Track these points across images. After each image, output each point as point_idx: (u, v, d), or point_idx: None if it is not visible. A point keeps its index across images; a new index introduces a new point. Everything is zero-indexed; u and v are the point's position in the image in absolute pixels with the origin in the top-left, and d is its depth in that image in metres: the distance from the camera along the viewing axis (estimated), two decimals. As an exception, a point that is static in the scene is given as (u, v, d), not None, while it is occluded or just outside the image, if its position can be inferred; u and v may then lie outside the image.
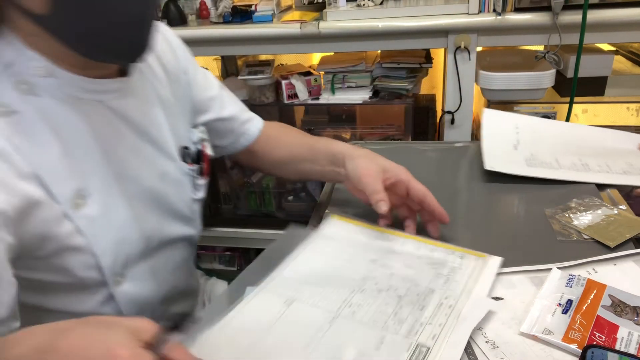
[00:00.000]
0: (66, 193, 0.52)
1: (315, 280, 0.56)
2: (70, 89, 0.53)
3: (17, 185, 0.48)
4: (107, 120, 0.57)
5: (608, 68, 1.17)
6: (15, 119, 0.49)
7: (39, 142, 0.50)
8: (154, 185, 0.62)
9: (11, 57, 0.50)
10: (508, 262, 0.59)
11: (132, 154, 0.59)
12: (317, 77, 1.36)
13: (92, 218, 0.54)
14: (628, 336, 0.47)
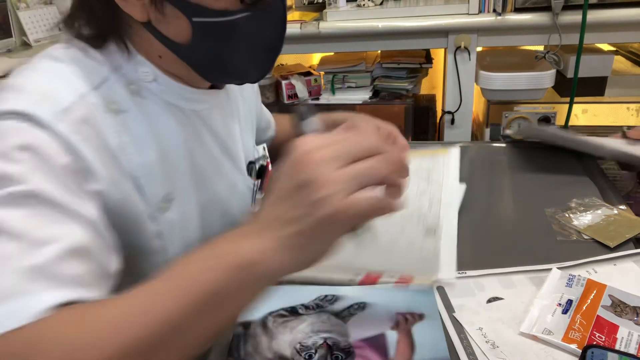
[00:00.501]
0: (156, 196, 0.53)
1: None
2: (170, 96, 0.54)
3: (118, 181, 0.49)
4: (197, 129, 0.58)
5: (608, 68, 1.17)
6: (124, 117, 0.51)
7: (141, 143, 0.52)
8: (224, 197, 0.64)
9: (120, 62, 0.52)
10: (508, 262, 0.59)
11: (212, 164, 0.61)
12: (317, 77, 1.36)
13: (172, 223, 0.55)
14: (628, 336, 0.47)
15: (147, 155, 0.52)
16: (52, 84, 0.47)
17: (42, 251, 0.38)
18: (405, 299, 0.55)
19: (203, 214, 0.60)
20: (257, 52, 0.53)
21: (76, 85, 0.48)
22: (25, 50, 1.23)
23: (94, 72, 0.50)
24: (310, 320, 0.52)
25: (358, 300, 0.55)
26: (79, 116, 0.46)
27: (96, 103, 0.48)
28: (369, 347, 0.48)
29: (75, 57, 0.50)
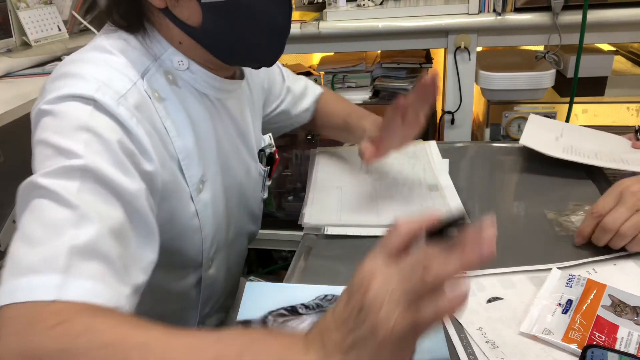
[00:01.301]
0: (194, 177, 0.57)
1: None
2: (200, 84, 0.58)
3: (167, 162, 0.53)
4: (222, 116, 0.63)
5: (608, 68, 1.17)
6: (165, 104, 0.55)
7: (181, 128, 0.56)
8: (242, 181, 0.69)
9: (159, 51, 0.56)
10: (508, 262, 0.59)
11: (233, 150, 0.66)
12: (317, 77, 1.36)
13: (206, 203, 0.60)
14: (628, 336, 0.47)
15: (186, 139, 0.56)
16: (107, 73, 0.50)
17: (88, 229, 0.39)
18: (404, 298, 0.54)
19: (226, 196, 0.65)
20: (266, 33, 0.55)
21: (128, 74, 0.51)
22: (25, 50, 1.23)
23: (138, 62, 0.54)
24: (310, 320, 0.52)
25: (357, 300, 0.55)
26: (134, 102, 0.50)
27: (145, 88, 0.52)
28: (369, 347, 0.48)
29: (120, 48, 0.53)
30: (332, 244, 0.68)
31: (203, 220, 0.59)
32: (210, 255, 0.63)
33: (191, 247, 0.60)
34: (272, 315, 0.53)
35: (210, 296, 0.68)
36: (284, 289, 0.58)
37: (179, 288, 0.63)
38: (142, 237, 0.46)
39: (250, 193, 0.72)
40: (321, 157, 0.91)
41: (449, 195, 0.76)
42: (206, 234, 0.61)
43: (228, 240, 0.68)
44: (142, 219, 0.46)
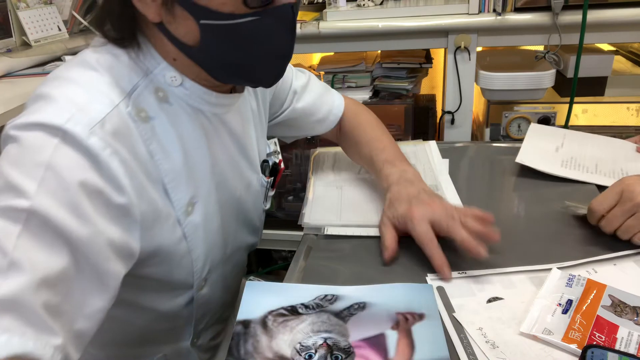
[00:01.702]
0: (182, 199, 0.55)
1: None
2: (194, 100, 0.56)
3: (147, 190, 0.50)
4: (218, 132, 0.60)
5: (608, 68, 1.17)
6: (152, 124, 0.52)
7: (168, 149, 0.53)
8: (241, 196, 0.66)
9: (151, 65, 0.53)
10: (508, 262, 0.59)
11: (231, 165, 0.63)
12: (317, 77, 1.36)
13: (196, 225, 0.57)
14: (628, 336, 0.47)
15: (173, 160, 0.53)
16: (87, 95, 0.47)
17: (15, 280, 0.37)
18: (405, 298, 0.55)
19: (222, 214, 0.62)
20: (266, 57, 0.52)
21: (110, 95, 0.49)
22: (25, 50, 1.23)
23: (125, 80, 0.51)
24: (310, 320, 0.52)
25: (358, 300, 0.55)
26: (112, 128, 0.47)
27: (129, 112, 0.49)
28: (369, 347, 0.48)
29: (107, 64, 0.51)
30: (332, 244, 0.68)
31: (192, 243, 0.57)
32: (203, 276, 0.61)
33: (180, 271, 0.58)
34: (271, 314, 0.53)
35: (205, 313, 0.67)
36: (284, 288, 0.58)
37: (171, 309, 0.61)
38: (90, 284, 0.43)
39: (251, 207, 0.70)
40: (321, 157, 0.91)
41: (449, 195, 0.76)
42: (197, 256, 0.58)
43: (225, 257, 0.66)
44: (92, 266, 0.43)
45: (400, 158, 0.74)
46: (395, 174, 0.69)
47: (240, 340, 0.50)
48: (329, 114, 0.80)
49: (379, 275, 0.60)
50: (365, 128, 0.80)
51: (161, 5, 0.48)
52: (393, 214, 0.64)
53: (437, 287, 0.57)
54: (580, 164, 0.80)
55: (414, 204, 0.62)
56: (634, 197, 0.58)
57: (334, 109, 0.81)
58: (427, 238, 0.59)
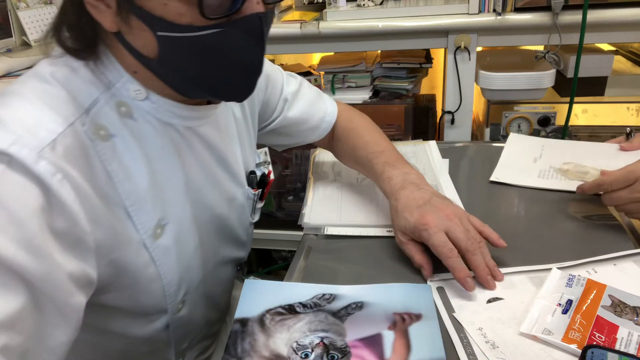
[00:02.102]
0: (148, 222, 0.51)
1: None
2: (163, 114, 0.51)
3: (104, 216, 0.47)
4: (193, 147, 0.56)
5: (608, 68, 1.16)
6: (112, 143, 0.48)
7: (130, 168, 0.49)
8: (222, 212, 0.62)
9: (113, 78, 0.49)
10: (508, 262, 0.59)
11: (210, 181, 0.59)
12: (317, 77, 1.36)
13: (166, 248, 0.53)
14: (628, 336, 0.47)
15: (137, 181, 0.49)
16: (37, 114, 0.44)
17: None
18: (402, 298, 0.54)
19: (200, 233, 0.58)
20: (233, 71, 0.48)
21: (64, 113, 0.45)
22: (25, 50, 1.23)
23: (83, 94, 0.47)
24: (307, 319, 0.52)
25: (356, 299, 0.55)
26: (64, 149, 0.43)
27: (85, 130, 0.46)
28: (366, 347, 0.48)
29: (63, 78, 0.47)
30: (332, 244, 0.68)
31: (163, 267, 0.53)
32: (179, 299, 0.58)
33: (149, 297, 0.54)
34: (269, 313, 0.53)
35: (187, 334, 0.64)
36: (282, 287, 0.58)
37: (147, 333, 0.58)
38: (52, 319, 0.41)
39: (235, 221, 0.66)
40: (321, 157, 0.91)
41: (449, 195, 0.75)
42: (169, 280, 0.54)
43: (206, 276, 0.62)
44: (51, 301, 0.40)
45: (400, 160, 0.70)
46: (397, 177, 0.66)
47: (237, 338, 0.50)
48: (322, 121, 0.77)
49: (379, 275, 0.60)
50: (360, 132, 0.77)
51: (116, 14, 0.44)
52: (405, 225, 0.60)
53: (437, 287, 0.57)
54: (555, 173, 0.79)
55: (427, 211, 0.58)
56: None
57: (326, 116, 0.78)
58: (447, 249, 0.55)
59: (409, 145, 0.94)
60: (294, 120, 0.76)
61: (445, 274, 0.58)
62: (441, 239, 0.56)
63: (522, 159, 0.84)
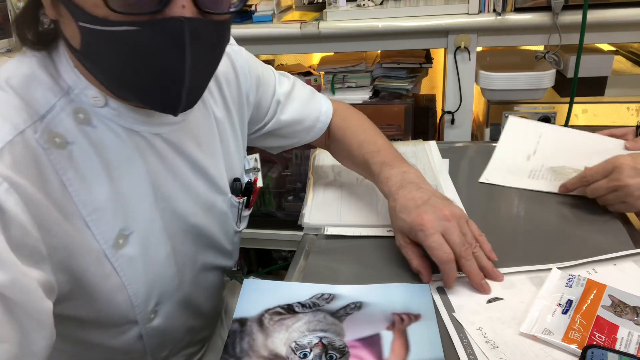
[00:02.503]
0: (109, 232, 0.50)
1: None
2: (126, 121, 0.50)
3: (58, 224, 0.45)
4: (162, 154, 0.54)
5: (608, 68, 1.16)
6: (69, 151, 0.47)
7: (89, 177, 0.48)
8: (198, 221, 0.60)
9: (72, 81, 0.48)
10: (508, 262, 0.59)
11: (182, 189, 0.57)
12: (317, 77, 1.36)
13: (131, 258, 0.52)
14: (628, 336, 0.47)
15: (95, 191, 0.48)
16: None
17: None
18: (401, 299, 0.54)
19: (173, 241, 0.57)
20: (153, 76, 0.44)
21: (14, 120, 0.44)
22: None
23: (38, 101, 0.46)
24: (306, 319, 0.52)
25: (355, 299, 0.55)
26: (11, 158, 0.42)
27: (37, 138, 0.45)
28: (364, 347, 0.48)
29: (19, 84, 0.46)
30: (332, 244, 0.68)
31: (128, 277, 0.51)
32: (150, 309, 0.56)
33: (116, 307, 0.52)
34: (268, 313, 0.53)
35: (164, 343, 0.62)
36: (281, 287, 0.57)
37: (121, 343, 0.56)
38: (29, 325, 0.41)
39: (216, 230, 0.63)
40: (321, 157, 0.91)
41: (449, 195, 0.75)
42: (135, 290, 0.53)
43: (183, 283, 0.60)
44: (23, 308, 0.40)
45: (398, 158, 0.69)
46: (396, 177, 0.64)
47: (236, 338, 0.50)
48: (317, 121, 0.75)
49: (379, 275, 0.59)
50: (356, 131, 0.75)
51: (51, 1, 0.44)
52: (402, 226, 0.59)
53: (437, 287, 0.57)
54: (546, 172, 0.78)
55: (425, 212, 0.57)
56: (621, 178, 0.64)
57: (321, 116, 0.76)
58: (442, 252, 0.54)
59: (409, 145, 0.93)
60: (288, 122, 0.74)
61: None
62: (437, 240, 0.55)
63: (515, 156, 0.83)
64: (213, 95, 0.63)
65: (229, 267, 0.70)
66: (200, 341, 0.73)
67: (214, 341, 0.77)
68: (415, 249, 0.58)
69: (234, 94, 0.66)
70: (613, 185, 0.64)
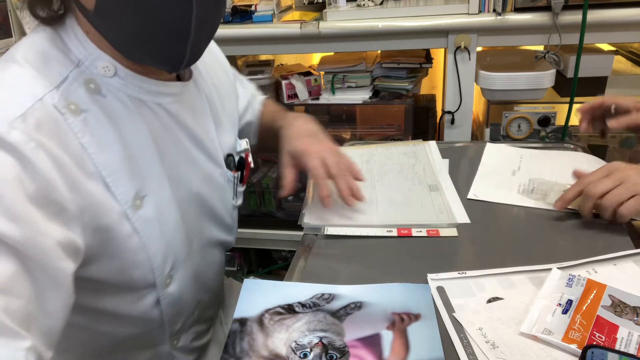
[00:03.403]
0: (127, 194, 0.52)
1: None
2: (132, 89, 0.53)
3: (83, 184, 0.48)
4: (165, 123, 0.57)
5: (608, 68, 1.16)
6: (84, 117, 0.49)
7: (104, 141, 0.50)
8: (201, 190, 0.63)
9: (82, 55, 0.51)
10: (508, 262, 0.59)
11: (184, 158, 0.61)
12: (317, 77, 1.36)
13: (148, 219, 0.54)
14: (628, 336, 0.47)
15: (111, 153, 0.51)
16: (8, 91, 0.46)
17: None
18: (401, 298, 0.54)
19: (181, 209, 0.60)
20: (160, 31, 0.48)
21: (33, 90, 0.46)
22: (24, 49, 1.23)
23: (53, 72, 0.49)
24: (306, 319, 0.52)
25: (355, 299, 0.55)
26: (35, 121, 0.44)
27: (56, 104, 0.47)
28: (364, 347, 0.48)
29: (32, 57, 0.49)
30: (332, 244, 0.68)
31: (147, 238, 0.54)
32: (166, 273, 0.58)
33: (137, 269, 0.55)
34: (268, 313, 0.53)
35: (179, 313, 0.64)
36: (282, 287, 0.57)
37: (137, 311, 0.58)
38: (45, 284, 0.42)
39: (217, 202, 0.67)
40: None
41: (449, 195, 0.75)
42: (154, 252, 0.55)
43: (192, 253, 0.63)
44: (40, 266, 0.42)
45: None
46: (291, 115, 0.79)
47: (236, 338, 0.50)
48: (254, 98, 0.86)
49: (379, 275, 0.59)
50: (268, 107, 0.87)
51: None
52: (292, 150, 0.72)
53: (437, 287, 0.57)
54: (535, 187, 0.76)
55: (312, 143, 0.71)
56: (622, 171, 0.62)
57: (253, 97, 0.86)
58: (319, 171, 0.68)
59: (409, 145, 0.94)
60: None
61: (445, 274, 0.58)
62: (317, 163, 0.69)
63: (501, 172, 0.82)
64: (205, 81, 0.67)
65: (229, 242, 0.73)
66: (207, 320, 0.75)
67: (219, 325, 0.81)
68: (294, 173, 0.72)
69: (224, 82, 0.72)
70: (618, 178, 0.61)
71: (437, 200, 0.74)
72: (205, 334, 0.75)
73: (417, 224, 0.69)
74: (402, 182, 0.80)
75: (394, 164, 0.86)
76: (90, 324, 0.57)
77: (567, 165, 0.80)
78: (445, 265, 0.60)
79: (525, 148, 0.90)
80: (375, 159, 0.89)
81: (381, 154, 0.91)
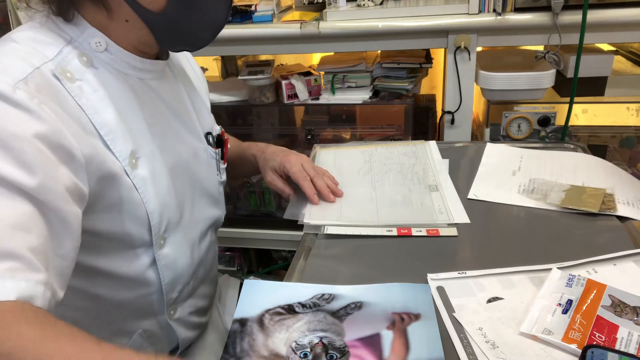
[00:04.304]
0: (124, 151, 0.56)
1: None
2: (120, 64, 0.58)
3: (85, 138, 0.52)
4: (149, 96, 0.62)
5: (608, 68, 1.16)
6: (78, 84, 0.54)
7: (99, 105, 0.55)
8: (189, 162, 0.68)
9: (74, 34, 0.56)
10: (508, 262, 0.59)
11: (170, 130, 0.65)
12: (317, 77, 1.36)
13: (144, 178, 0.58)
14: (628, 336, 0.47)
15: (106, 114, 0.55)
16: (7, 62, 0.50)
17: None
18: (401, 298, 0.54)
19: (172, 176, 0.63)
20: (209, 27, 0.59)
21: (30, 60, 0.51)
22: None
23: (48, 47, 0.53)
24: (306, 319, 0.52)
25: (355, 299, 0.55)
26: (35, 85, 0.49)
27: (52, 70, 0.52)
28: (364, 347, 0.48)
29: (30, 37, 0.54)
30: (332, 244, 0.68)
31: (145, 195, 0.58)
32: (161, 233, 0.61)
33: (136, 224, 0.58)
34: (268, 313, 0.53)
35: (175, 279, 0.65)
36: (282, 287, 0.57)
37: (134, 271, 0.61)
38: (57, 226, 0.46)
39: (205, 175, 0.71)
40: (321, 157, 0.91)
41: (449, 195, 0.75)
42: (152, 208, 0.59)
43: (184, 220, 0.66)
44: (52, 210, 0.46)
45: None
46: (261, 143, 0.87)
47: (236, 338, 0.50)
48: None
49: (379, 275, 0.60)
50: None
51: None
52: (273, 165, 0.80)
53: (437, 287, 0.57)
54: (536, 187, 0.76)
55: (289, 154, 0.81)
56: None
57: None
58: (302, 174, 0.77)
59: (409, 145, 0.94)
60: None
61: (445, 274, 0.58)
62: (299, 168, 0.78)
63: (501, 172, 0.82)
64: (178, 68, 0.72)
65: (219, 217, 0.77)
66: (203, 297, 0.77)
67: (214, 319, 0.82)
68: (283, 181, 0.80)
69: (193, 76, 0.76)
70: None
71: (437, 200, 0.74)
72: (203, 314, 0.77)
73: (417, 224, 0.69)
74: (402, 182, 0.80)
75: (394, 164, 0.86)
76: (88, 286, 0.59)
77: (567, 165, 0.80)
78: (445, 265, 0.60)
79: (525, 148, 0.90)
80: (375, 159, 0.89)
81: (381, 154, 0.91)
